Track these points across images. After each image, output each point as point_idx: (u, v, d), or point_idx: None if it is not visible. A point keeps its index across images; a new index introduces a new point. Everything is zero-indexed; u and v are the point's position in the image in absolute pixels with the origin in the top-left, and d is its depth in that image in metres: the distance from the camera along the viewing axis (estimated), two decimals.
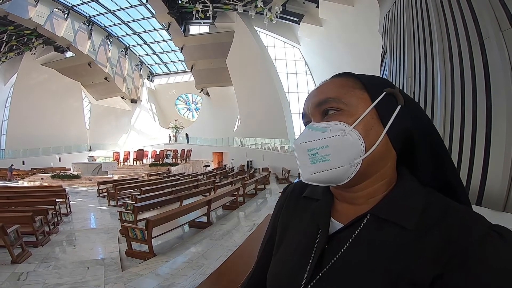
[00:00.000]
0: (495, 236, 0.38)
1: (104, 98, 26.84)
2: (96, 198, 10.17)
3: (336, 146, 0.44)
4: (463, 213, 0.42)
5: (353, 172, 0.44)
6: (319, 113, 0.48)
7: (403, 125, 0.47)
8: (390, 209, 0.45)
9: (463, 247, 0.38)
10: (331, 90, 0.48)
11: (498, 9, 3.40)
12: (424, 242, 0.40)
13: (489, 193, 3.68)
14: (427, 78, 5.17)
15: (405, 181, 0.47)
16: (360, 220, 0.46)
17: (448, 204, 0.43)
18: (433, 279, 0.38)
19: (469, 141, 4.03)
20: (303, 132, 0.48)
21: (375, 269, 0.41)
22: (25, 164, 19.90)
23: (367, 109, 0.46)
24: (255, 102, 19.94)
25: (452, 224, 0.40)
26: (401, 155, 0.49)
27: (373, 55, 11.35)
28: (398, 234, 0.42)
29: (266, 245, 0.62)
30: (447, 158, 0.49)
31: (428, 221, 0.42)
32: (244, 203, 7.66)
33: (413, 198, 0.45)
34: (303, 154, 0.46)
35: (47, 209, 5.15)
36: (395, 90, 0.48)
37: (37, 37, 20.50)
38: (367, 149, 0.44)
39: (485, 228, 0.39)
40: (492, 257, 0.36)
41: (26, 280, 3.21)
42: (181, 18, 20.14)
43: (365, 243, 0.44)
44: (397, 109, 0.47)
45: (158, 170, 17.62)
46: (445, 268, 0.38)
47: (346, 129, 0.44)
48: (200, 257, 3.85)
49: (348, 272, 0.43)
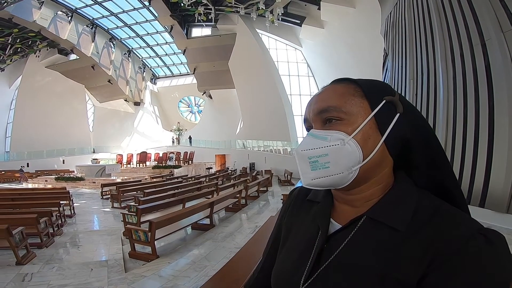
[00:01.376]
0: (480, 239, 0.39)
1: (108, 101, 27.03)
2: (100, 200, 10.21)
3: (335, 155, 0.46)
4: (452, 215, 0.43)
5: (350, 178, 0.47)
6: (320, 120, 0.50)
7: (401, 133, 0.48)
8: (383, 211, 0.47)
9: (446, 248, 0.39)
10: (331, 98, 0.49)
11: (499, 10, 3.40)
12: (412, 243, 0.42)
13: (492, 194, 3.67)
14: (429, 79, 5.16)
15: (401, 185, 0.49)
16: (357, 221, 0.48)
17: (440, 206, 0.45)
18: (419, 279, 0.40)
19: (471, 142, 4.02)
20: (305, 140, 0.50)
21: (366, 268, 0.43)
22: (29, 166, 20.05)
23: (366, 118, 0.47)
24: (258, 104, 19.96)
25: (438, 225, 0.42)
26: (399, 158, 0.50)
27: (375, 57, 11.35)
28: (390, 235, 0.44)
29: (271, 245, 0.65)
30: (443, 162, 0.50)
31: (418, 222, 0.44)
32: (246, 205, 7.66)
33: (406, 201, 0.47)
34: (303, 161, 0.49)
35: (51, 211, 5.18)
36: (394, 98, 0.49)
37: (41, 40, 20.75)
38: (365, 157, 0.46)
39: (472, 230, 0.41)
40: (474, 261, 0.38)
41: (30, 281, 3.24)
42: (183, 20, 20.29)
43: (359, 244, 0.46)
44: (396, 117, 0.48)
45: (161, 173, 17.68)
46: (429, 267, 0.39)
47: (345, 139, 0.46)
48: (202, 259, 3.85)
49: (341, 271, 0.45)
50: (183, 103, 31.31)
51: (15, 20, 17.74)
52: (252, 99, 20.53)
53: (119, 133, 28.30)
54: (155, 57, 28.41)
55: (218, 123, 25.83)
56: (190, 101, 31.15)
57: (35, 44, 20.99)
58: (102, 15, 22.28)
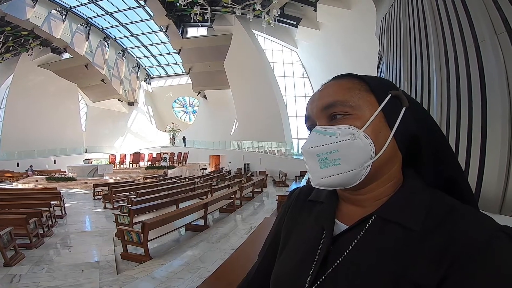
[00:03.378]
0: (503, 238, 0.37)
1: (101, 100, 26.68)
2: (92, 200, 10.09)
3: (346, 150, 0.44)
4: (469, 214, 0.41)
5: (362, 175, 0.44)
6: (325, 116, 0.48)
7: (408, 127, 0.47)
8: (395, 210, 0.44)
9: (468, 247, 0.37)
10: (337, 93, 0.47)
11: (494, 12, 3.44)
12: (427, 243, 0.40)
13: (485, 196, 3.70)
14: (423, 81, 5.21)
15: (411, 182, 0.47)
16: (365, 221, 0.45)
17: (453, 204, 0.43)
18: (438, 282, 0.37)
19: (464, 144, 4.06)
20: (310, 137, 0.47)
21: (379, 270, 0.40)
22: (19, 166, 19.68)
23: (374, 112, 0.46)
24: (253, 105, 19.95)
25: (456, 224, 0.40)
26: (406, 154, 0.49)
27: (370, 58, 11.46)
28: (403, 235, 0.42)
29: (268, 247, 0.62)
30: (451, 155, 0.49)
31: (432, 222, 0.41)
32: (241, 206, 7.64)
33: (417, 199, 0.44)
34: (312, 159, 0.46)
35: (42, 211, 5.10)
36: (399, 92, 0.48)
37: (34, 38, 20.38)
38: (377, 152, 0.44)
39: (492, 229, 0.38)
40: (499, 260, 0.35)
41: (19, 282, 3.17)
42: (179, 20, 20.19)
43: (370, 245, 0.43)
44: (402, 111, 0.47)
45: (154, 173, 17.52)
46: (450, 268, 0.37)
47: (356, 133, 0.44)
48: (196, 260, 3.82)
49: (352, 273, 0.42)
50: (177, 103, 31.13)
51: (8, 18, 17.41)
52: (247, 100, 20.52)
53: (112, 133, 27.94)
54: (149, 57, 28.18)
55: (212, 123, 25.73)
56: (184, 102, 30.99)
57: (27, 42, 20.61)
58: (97, 14, 21.99)
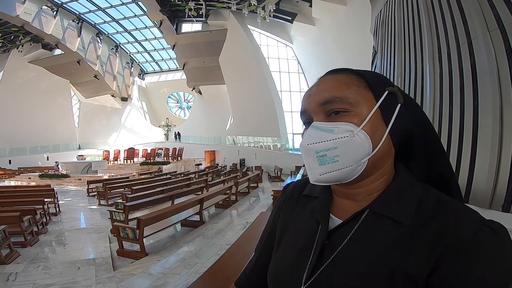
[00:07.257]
0: (487, 231, 0.39)
1: (94, 96, 26.31)
2: (86, 197, 10.01)
3: (344, 148, 0.44)
4: (457, 208, 0.43)
5: (359, 171, 0.45)
6: (323, 112, 0.48)
7: (403, 123, 0.48)
8: (386, 204, 0.46)
9: (456, 242, 0.39)
10: (336, 88, 0.47)
11: (487, 10, 3.48)
12: (418, 237, 0.41)
13: (476, 191, 3.77)
14: (416, 77, 5.25)
15: (402, 177, 0.49)
16: (359, 216, 0.47)
17: (442, 198, 0.45)
18: (429, 273, 0.39)
19: (456, 139, 4.12)
20: (309, 133, 0.47)
21: (373, 263, 0.42)
22: (11, 163, 19.40)
23: (372, 109, 0.46)
24: (248, 100, 19.89)
25: (445, 218, 0.42)
26: (399, 150, 0.50)
27: (365, 54, 11.47)
28: (394, 229, 0.43)
29: (265, 242, 0.63)
30: (442, 152, 0.50)
31: (422, 215, 0.43)
32: (236, 201, 7.66)
33: (408, 193, 0.46)
34: (310, 156, 0.46)
35: (35, 209, 5.04)
36: (395, 88, 0.49)
37: (24, 35, 19.91)
38: (373, 148, 0.45)
39: (478, 223, 0.40)
40: (484, 252, 0.38)
41: (15, 280, 3.15)
42: (173, 16, 19.91)
43: (364, 238, 0.45)
44: (397, 107, 0.48)
45: (149, 169, 17.40)
46: (439, 261, 0.39)
47: (354, 130, 0.45)
48: (193, 256, 3.83)
49: (347, 267, 0.44)
50: (172, 98, 30.87)
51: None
52: (243, 95, 20.44)
53: (105, 129, 27.63)
54: (143, 52, 27.78)
55: (208, 119, 25.61)
56: (179, 97, 30.75)
57: (17, 39, 20.12)
58: (89, 9, 21.55)
